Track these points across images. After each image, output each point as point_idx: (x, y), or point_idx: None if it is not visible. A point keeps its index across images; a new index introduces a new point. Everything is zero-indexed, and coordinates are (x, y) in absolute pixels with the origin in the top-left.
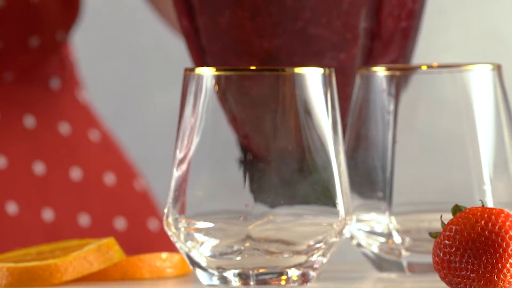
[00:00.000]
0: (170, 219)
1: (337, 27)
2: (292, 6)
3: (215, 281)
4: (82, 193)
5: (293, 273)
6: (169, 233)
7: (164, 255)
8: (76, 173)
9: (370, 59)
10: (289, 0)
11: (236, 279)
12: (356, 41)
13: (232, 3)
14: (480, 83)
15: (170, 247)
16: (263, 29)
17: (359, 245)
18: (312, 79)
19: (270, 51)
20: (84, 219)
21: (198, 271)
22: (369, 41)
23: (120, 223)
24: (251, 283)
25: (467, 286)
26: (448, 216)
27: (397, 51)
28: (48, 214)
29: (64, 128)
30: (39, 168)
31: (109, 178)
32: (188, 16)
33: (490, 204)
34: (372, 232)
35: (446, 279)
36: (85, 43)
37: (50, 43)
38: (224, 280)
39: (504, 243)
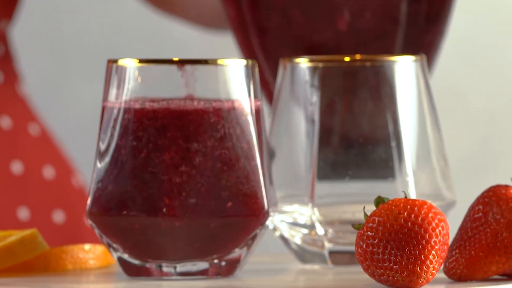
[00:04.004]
0: (94, 211)
1: (379, 17)
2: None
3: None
4: (22, 186)
5: (217, 264)
6: (93, 224)
7: (87, 246)
8: (16, 167)
9: (410, 44)
10: None
11: (159, 269)
12: (397, 28)
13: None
14: (403, 74)
15: None
16: (313, 24)
17: (282, 236)
18: (235, 70)
19: (320, 43)
20: (23, 213)
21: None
22: (409, 26)
23: (58, 216)
24: (176, 276)
25: (390, 278)
26: (371, 208)
27: (432, 35)
28: None
29: (5, 122)
30: None
31: (49, 172)
32: (234, 6)
33: (413, 195)
34: (295, 224)
35: (369, 271)
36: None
37: None
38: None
39: (427, 235)
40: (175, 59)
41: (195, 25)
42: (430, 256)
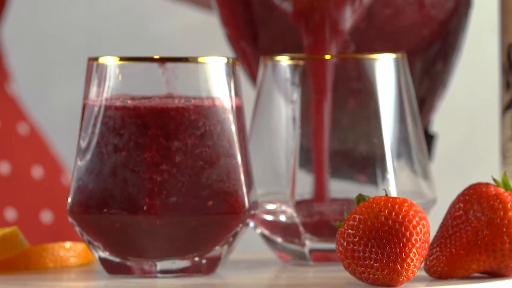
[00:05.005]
0: (74, 209)
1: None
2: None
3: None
4: (10, 187)
5: (198, 262)
6: (73, 222)
7: (67, 244)
8: (4, 167)
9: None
10: None
11: (140, 267)
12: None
13: None
14: (383, 72)
15: None
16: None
17: (262, 234)
18: (216, 68)
19: None
20: (10, 213)
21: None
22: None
23: (46, 217)
24: (157, 274)
25: (371, 276)
26: (352, 206)
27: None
28: None
29: None
30: None
31: (37, 172)
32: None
33: (393, 193)
34: (275, 221)
35: (350, 269)
36: None
37: None
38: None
39: (408, 233)
40: (156, 57)
41: (204, 8)
42: (411, 254)
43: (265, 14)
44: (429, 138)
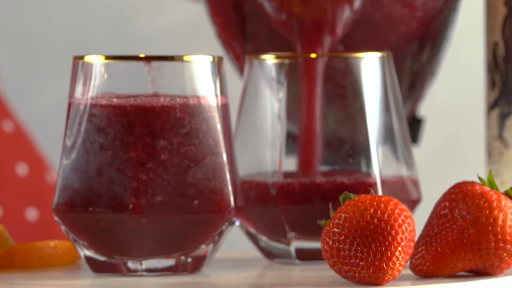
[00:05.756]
0: (60, 208)
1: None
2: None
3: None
4: None
5: (184, 260)
6: (59, 221)
7: (53, 243)
8: None
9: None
10: None
11: (125, 266)
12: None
13: None
14: (369, 71)
15: None
16: None
17: (248, 233)
18: (201, 67)
19: None
20: None
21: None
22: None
23: (31, 214)
24: (142, 272)
25: (356, 274)
26: (337, 204)
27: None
28: None
29: None
30: None
31: (22, 169)
32: None
33: (379, 192)
34: (261, 220)
35: (335, 267)
36: None
37: None
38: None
39: (393, 231)
40: (141, 55)
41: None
42: (396, 253)
43: (255, 12)
44: (417, 122)
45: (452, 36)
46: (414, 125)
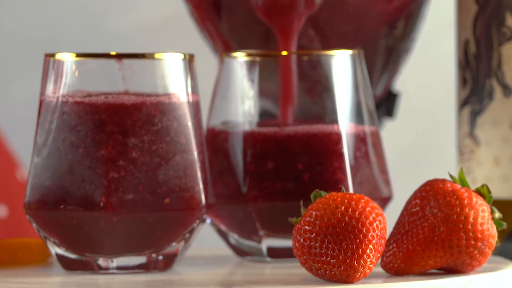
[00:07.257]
0: (31, 206)
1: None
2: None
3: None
4: None
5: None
6: (30, 219)
7: (23, 240)
8: None
9: None
10: None
11: (96, 263)
12: None
13: None
14: (340, 68)
15: None
16: None
17: (219, 230)
18: (172, 64)
19: None
20: None
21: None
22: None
23: (1, 211)
24: (113, 270)
25: (327, 272)
26: (308, 202)
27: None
28: None
29: None
30: None
31: None
32: None
33: (350, 190)
34: (232, 218)
35: (306, 265)
36: None
37: None
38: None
39: (364, 229)
40: (113, 53)
41: None
42: (368, 250)
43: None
44: (393, 97)
45: (426, 13)
46: (390, 99)
